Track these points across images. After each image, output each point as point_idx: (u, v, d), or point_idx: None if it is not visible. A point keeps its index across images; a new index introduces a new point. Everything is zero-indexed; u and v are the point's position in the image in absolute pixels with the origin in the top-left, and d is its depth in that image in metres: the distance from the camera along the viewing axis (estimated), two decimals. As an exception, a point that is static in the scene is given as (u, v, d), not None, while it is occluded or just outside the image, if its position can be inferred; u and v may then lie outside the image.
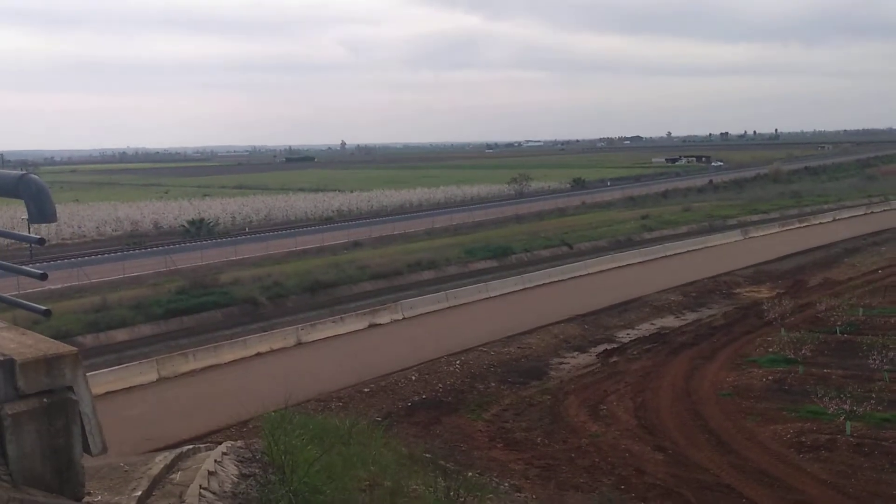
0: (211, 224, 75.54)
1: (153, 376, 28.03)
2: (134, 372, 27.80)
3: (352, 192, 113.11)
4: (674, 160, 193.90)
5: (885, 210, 75.98)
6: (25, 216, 4.22)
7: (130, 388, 26.94)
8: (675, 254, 53.24)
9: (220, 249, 58.38)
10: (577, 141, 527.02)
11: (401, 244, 59.04)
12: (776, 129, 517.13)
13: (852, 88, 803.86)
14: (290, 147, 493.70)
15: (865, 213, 74.25)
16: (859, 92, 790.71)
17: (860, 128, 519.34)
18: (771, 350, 27.64)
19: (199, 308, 37.98)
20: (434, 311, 37.89)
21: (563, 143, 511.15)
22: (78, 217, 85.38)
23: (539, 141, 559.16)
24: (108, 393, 25.40)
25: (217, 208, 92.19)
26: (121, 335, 34.52)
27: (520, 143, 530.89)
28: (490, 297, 40.39)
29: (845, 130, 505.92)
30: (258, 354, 30.97)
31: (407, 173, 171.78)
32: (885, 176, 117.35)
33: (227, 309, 38.61)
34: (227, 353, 30.43)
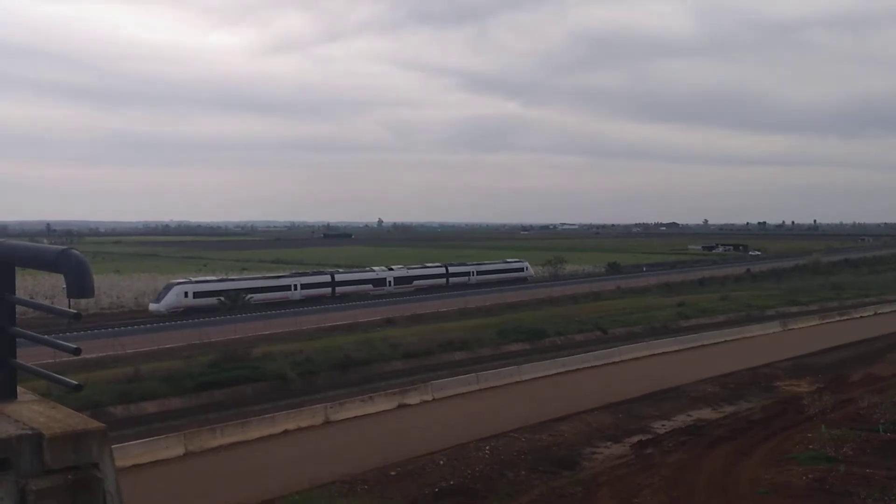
0: (247, 297, 76.27)
1: (180, 450, 27.86)
2: (161, 445, 27.66)
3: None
4: (710, 248, 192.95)
5: None
6: (65, 286, 4.28)
7: (156, 461, 26.77)
8: (713, 343, 52.29)
9: (254, 324, 58.80)
10: (612, 225, 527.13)
11: (433, 323, 58.90)
12: (815, 220, 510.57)
13: (891, 180, 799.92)
14: (328, 223, 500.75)
15: None
16: None
17: None
18: (811, 447, 26.63)
19: (230, 382, 37.99)
20: (465, 392, 37.42)
21: (597, 226, 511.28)
22: (118, 287, 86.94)
23: (574, 224, 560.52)
24: (134, 466, 25.27)
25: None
26: (151, 407, 34.58)
27: (554, 226, 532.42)
28: (522, 381, 39.85)
29: (885, 223, 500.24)
30: (286, 432, 30.71)
31: (442, 252, 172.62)
32: None
33: (258, 384, 38.60)
34: (255, 430, 30.21)
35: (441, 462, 26.30)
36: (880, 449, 26.25)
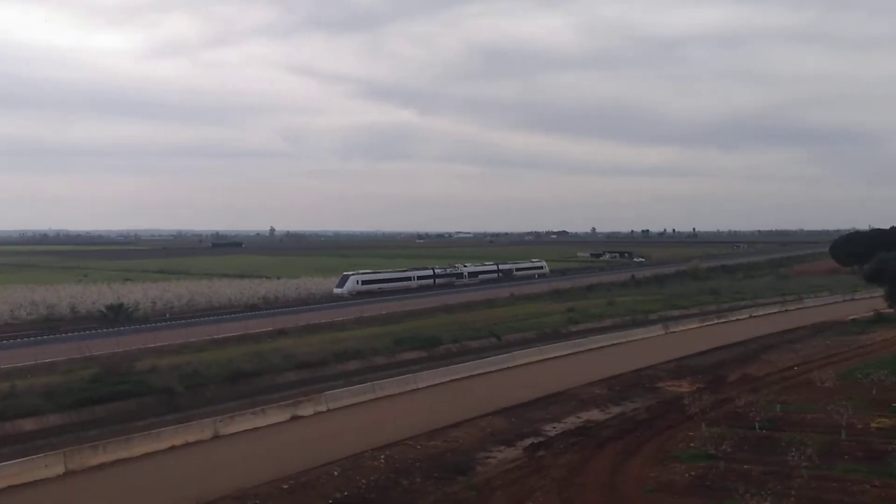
0: (130, 309, 73.39)
1: (59, 469, 26.47)
2: (39, 464, 26.21)
3: (279, 278, 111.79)
4: (598, 255, 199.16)
5: (798, 308, 79.20)
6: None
7: (34, 482, 25.36)
8: (600, 347, 53.92)
9: (139, 336, 56.64)
10: (506, 234, 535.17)
11: (328, 333, 58.25)
12: (694, 228, 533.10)
13: (765, 191, 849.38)
14: (217, 232, 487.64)
15: (780, 311, 77.06)
16: (771, 194, 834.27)
17: (772, 228, 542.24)
18: (693, 445, 27.54)
19: (113, 397, 36.44)
20: (359, 402, 37.13)
21: (492, 235, 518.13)
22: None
23: (469, 233, 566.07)
24: (9, 487, 23.88)
25: (138, 293, 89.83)
26: (28, 424, 32.81)
27: (450, 234, 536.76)
28: (418, 389, 39.88)
29: (759, 231, 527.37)
30: (172, 447, 29.65)
31: (337, 261, 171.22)
32: (797, 275, 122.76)
33: (143, 399, 37.17)
34: (139, 446, 29.03)
35: (335, 473, 25.98)
36: (756, 445, 27.33)
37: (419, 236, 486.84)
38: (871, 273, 74.04)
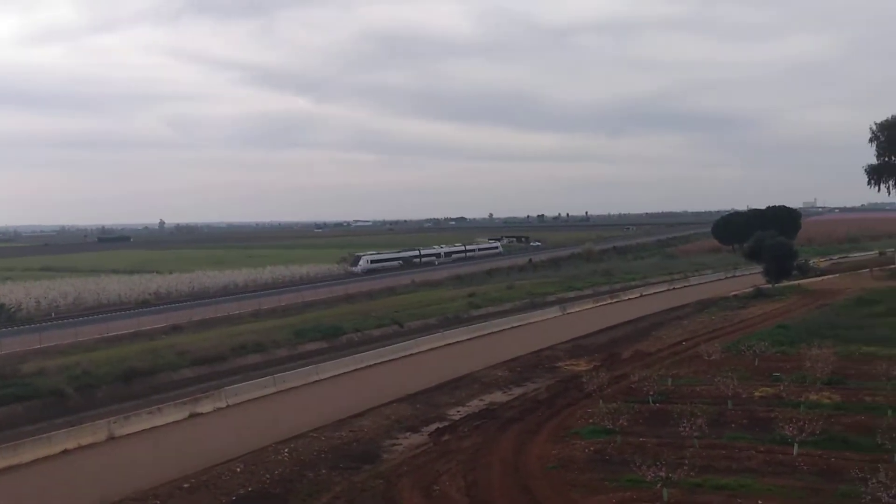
0: (12, 309, 69.65)
1: (-61, 482, 24.98)
2: (-85, 479, 24.66)
3: (171, 273, 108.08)
4: (496, 240, 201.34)
5: (684, 286, 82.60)
6: None
7: (-89, 497, 23.87)
8: (500, 330, 54.85)
9: (23, 337, 53.81)
10: (405, 221, 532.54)
11: (225, 327, 56.82)
12: (587, 212, 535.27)
13: (652, 175, 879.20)
14: (103, 227, 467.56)
15: (668, 290, 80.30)
16: (657, 178, 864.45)
17: (660, 210, 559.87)
18: (591, 421, 28.31)
19: (-3, 402, 34.53)
20: (261, 396, 36.61)
21: (391, 222, 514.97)
22: None
23: (368, 221, 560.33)
24: None
25: (20, 292, 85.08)
26: None
27: (349, 223, 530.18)
28: (320, 380, 39.57)
29: (647, 213, 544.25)
30: (65, 451, 28.45)
31: (231, 253, 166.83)
32: (683, 255, 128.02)
33: (30, 402, 35.38)
34: (29, 452, 27.72)
35: (238, 469, 25.52)
36: (650, 418, 28.46)
37: (317, 226, 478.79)
38: (749, 251, 78.23)
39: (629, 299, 73.01)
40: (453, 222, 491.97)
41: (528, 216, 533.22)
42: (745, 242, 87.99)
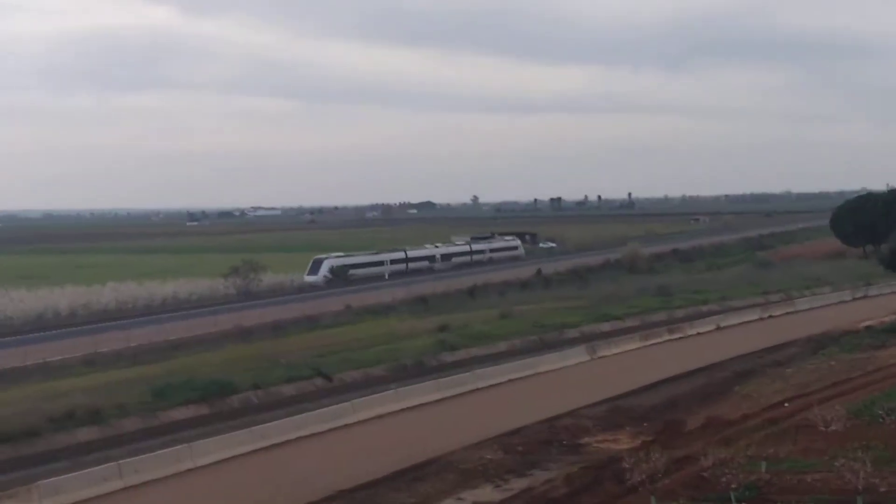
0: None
1: None
2: None
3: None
4: (483, 238, 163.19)
5: (787, 313, 65.08)
6: None
7: None
8: (490, 385, 42.90)
9: None
10: (335, 208, 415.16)
11: (39, 382, 43.68)
12: (629, 194, 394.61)
13: (730, 134, 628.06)
14: None
15: (761, 318, 63.32)
16: (739, 139, 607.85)
17: (745, 192, 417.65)
18: (639, 535, 21.64)
19: None
20: (99, 496, 26.26)
21: (312, 211, 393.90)
22: None
23: (276, 209, 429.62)
24: None
25: None
26: None
27: (244, 212, 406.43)
28: (196, 468, 29.03)
29: (726, 196, 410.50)
30: None
31: (49, 261, 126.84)
32: (783, 263, 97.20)
33: None
34: None
35: None
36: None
37: (192, 216, 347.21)
38: (891, 257, 65.38)
39: (698, 334, 57.91)
40: (414, 210, 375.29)
41: (535, 200, 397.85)
42: (883, 243, 74.06)
